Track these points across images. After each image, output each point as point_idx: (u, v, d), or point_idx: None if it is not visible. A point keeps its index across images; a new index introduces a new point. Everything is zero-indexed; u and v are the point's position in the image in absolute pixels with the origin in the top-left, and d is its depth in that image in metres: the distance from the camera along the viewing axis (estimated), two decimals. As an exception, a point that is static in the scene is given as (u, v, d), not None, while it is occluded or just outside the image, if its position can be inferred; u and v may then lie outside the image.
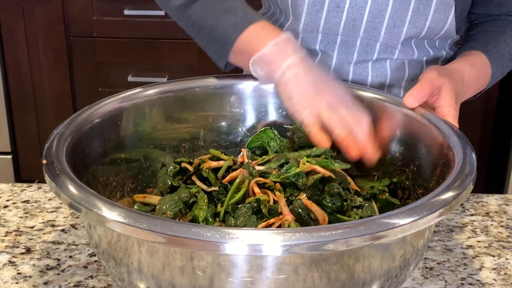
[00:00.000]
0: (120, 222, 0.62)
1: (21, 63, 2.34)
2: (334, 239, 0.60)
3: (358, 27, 1.04)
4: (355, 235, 0.61)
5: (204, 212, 0.79)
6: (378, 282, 0.70)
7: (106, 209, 0.63)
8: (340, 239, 0.60)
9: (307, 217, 0.77)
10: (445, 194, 0.68)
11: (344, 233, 0.61)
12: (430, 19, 1.02)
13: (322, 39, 1.07)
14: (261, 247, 0.60)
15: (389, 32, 1.04)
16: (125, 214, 0.63)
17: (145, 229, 0.61)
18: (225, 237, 0.60)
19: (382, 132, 0.89)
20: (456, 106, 0.89)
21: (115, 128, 0.88)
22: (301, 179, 0.82)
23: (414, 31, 1.03)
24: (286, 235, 0.60)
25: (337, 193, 0.81)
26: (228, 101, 0.96)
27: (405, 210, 0.65)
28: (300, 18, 1.06)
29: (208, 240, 0.60)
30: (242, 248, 0.60)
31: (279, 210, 0.77)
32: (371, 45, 1.06)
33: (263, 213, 0.77)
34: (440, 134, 0.82)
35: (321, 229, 0.62)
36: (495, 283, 0.87)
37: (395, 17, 1.02)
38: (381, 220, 0.63)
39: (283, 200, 0.79)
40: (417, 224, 0.64)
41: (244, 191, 0.81)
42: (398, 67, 1.08)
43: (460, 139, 0.79)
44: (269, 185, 0.82)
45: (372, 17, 1.03)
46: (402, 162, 0.88)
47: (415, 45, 1.07)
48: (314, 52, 1.09)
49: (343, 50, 1.07)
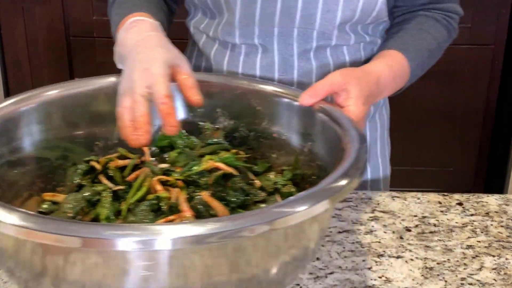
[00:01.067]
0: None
1: (21, 63, 2.34)
2: (207, 233, 0.60)
3: (294, 15, 1.04)
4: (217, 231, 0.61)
5: (107, 210, 0.79)
6: (274, 269, 0.71)
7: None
8: (207, 233, 0.60)
9: (206, 213, 0.78)
10: (328, 187, 0.68)
11: (213, 228, 0.61)
12: (362, 0, 1.03)
13: (259, 32, 1.07)
14: (134, 242, 0.59)
15: (324, 17, 1.04)
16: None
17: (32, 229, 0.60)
18: (95, 233, 0.59)
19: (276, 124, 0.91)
20: (364, 107, 0.90)
21: (20, 127, 0.87)
22: (203, 177, 0.84)
23: (348, 13, 1.04)
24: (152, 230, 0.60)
25: (240, 188, 0.83)
26: None
27: (283, 203, 0.66)
28: (234, 11, 1.06)
29: (86, 237, 0.59)
30: (112, 243, 0.59)
31: (180, 207, 0.78)
32: (308, 34, 1.06)
33: (164, 210, 0.78)
34: (339, 130, 0.83)
35: (199, 223, 0.62)
36: (495, 283, 0.87)
37: (328, 1, 1.03)
38: (262, 213, 0.64)
39: (183, 197, 0.80)
40: (292, 217, 0.64)
41: (146, 189, 0.82)
42: (338, 55, 1.09)
43: (355, 135, 0.80)
44: (172, 182, 0.83)
45: (307, 4, 1.03)
46: (310, 157, 0.89)
47: (350, 31, 1.08)
48: (254, 47, 1.09)
49: (282, 42, 1.07)
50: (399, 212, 1.02)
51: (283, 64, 1.09)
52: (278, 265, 0.71)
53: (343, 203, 1.04)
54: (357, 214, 1.01)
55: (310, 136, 0.89)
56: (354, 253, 0.93)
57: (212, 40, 1.13)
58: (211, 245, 0.62)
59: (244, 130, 0.95)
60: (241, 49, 1.10)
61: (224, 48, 1.12)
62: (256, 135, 0.95)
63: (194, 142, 0.93)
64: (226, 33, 1.09)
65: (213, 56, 1.13)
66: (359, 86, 0.91)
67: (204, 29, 1.14)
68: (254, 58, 1.10)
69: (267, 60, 1.09)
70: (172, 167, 0.88)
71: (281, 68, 1.09)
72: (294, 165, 0.91)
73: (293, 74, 1.09)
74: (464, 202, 1.05)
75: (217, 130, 0.95)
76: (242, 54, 1.10)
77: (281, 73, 1.09)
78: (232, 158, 0.86)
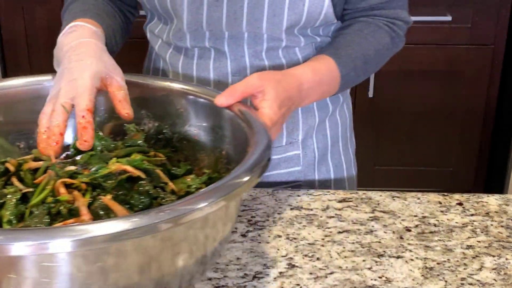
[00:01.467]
0: None
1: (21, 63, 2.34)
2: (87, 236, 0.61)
3: (240, 20, 1.04)
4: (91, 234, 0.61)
5: (9, 213, 0.79)
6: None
7: None
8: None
9: (106, 217, 0.78)
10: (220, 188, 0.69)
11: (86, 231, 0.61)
12: (307, 3, 1.03)
13: (210, 35, 1.07)
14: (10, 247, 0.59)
15: (271, 21, 1.04)
16: None
17: None
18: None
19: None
20: (280, 110, 0.90)
21: None
22: (110, 180, 0.83)
23: (294, 18, 1.04)
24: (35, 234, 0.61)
25: (146, 191, 0.82)
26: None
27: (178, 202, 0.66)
28: (182, 18, 1.06)
29: None
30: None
31: (80, 211, 0.78)
32: (258, 36, 1.06)
33: (63, 213, 0.78)
34: (249, 133, 0.83)
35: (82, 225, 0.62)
36: (495, 283, 0.87)
37: (273, 5, 1.03)
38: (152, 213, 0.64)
39: (82, 200, 0.80)
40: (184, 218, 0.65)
41: (48, 192, 0.81)
42: (290, 54, 1.09)
43: (262, 137, 0.80)
44: (77, 185, 0.83)
45: (252, 9, 1.03)
46: (227, 160, 0.89)
47: (299, 34, 1.08)
48: (206, 50, 1.09)
49: (232, 44, 1.07)
50: (399, 212, 1.02)
51: (236, 65, 1.09)
52: (168, 267, 0.71)
53: (343, 203, 1.04)
54: (357, 214, 1.01)
55: (226, 138, 0.90)
56: (354, 253, 0.93)
57: (166, 44, 1.14)
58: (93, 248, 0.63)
59: (168, 132, 0.96)
60: (194, 52, 1.10)
61: (178, 52, 1.12)
62: (179, 137, 0.95)
63: (111, 145, 0.92)
64: (177, 38, 1.09)
65: (168, 59, 1.14)
66: (276, 89, 0.91)
67: (159, 33, 1.15)
68: (208, 60, 1.10)
69: (220, 62, 1.10)
70: (83, 169, 0.87)
71: (234, 69, 1.09)
72: (213, 167, 0.91)
73: (246, 74, 1.08)
74: (464, 202, 1.05)
75: (139, 132, 0.95)
76: (195, 57, 1.11)
77: (235, 73, 1.09)
78: (140, 161, 0.86)
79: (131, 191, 0.83)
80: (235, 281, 0.87)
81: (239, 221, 1.00)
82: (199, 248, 0.73)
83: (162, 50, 1.15)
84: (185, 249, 0.71)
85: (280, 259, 0.91)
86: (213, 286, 0.86)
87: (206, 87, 0.96)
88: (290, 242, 0.95)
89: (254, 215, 1.02)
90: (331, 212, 1.02)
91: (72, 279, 0.65)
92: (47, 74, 0.96)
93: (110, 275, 0.66)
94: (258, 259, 0.91)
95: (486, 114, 2.43)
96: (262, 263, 0.90)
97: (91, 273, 0.65)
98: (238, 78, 1.09)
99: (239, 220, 1.00)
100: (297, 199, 1.06)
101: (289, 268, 0.90)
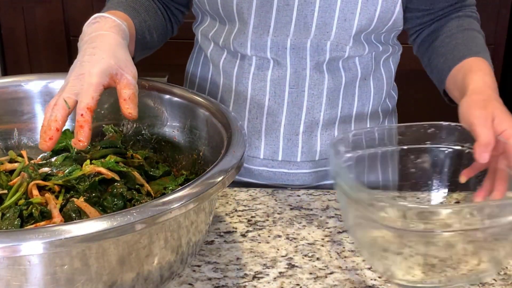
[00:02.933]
0: None
1: (21, 63, 2.34)
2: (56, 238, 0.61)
3: (309, 25, 1.04)
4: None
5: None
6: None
7: None
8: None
9: (78, 219, 0.78)
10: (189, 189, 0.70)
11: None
12: (379, 8, 1.03)
13: (272, 45, 1.06)
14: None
15: (341, 26, 1.04)
16: None
17: None
18: None
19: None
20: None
21: None
22: (83, 182, 0.83)
23: (365, 22, 1.04)
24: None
25: (120, 193, 0.82)
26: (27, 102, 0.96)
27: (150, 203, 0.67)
28: (248, 21, 1.04)
29: None
30: None
31: (52, 213, 0.78)
32: (321, 46, 1.05)
33: (35, 216, 0.78)
34: (224, 134, 0.83)
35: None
36: (495, 283, 0.87)
37: (345, 10, 1.02)
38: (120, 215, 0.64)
39: (53, 202, 0.80)
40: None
41: (20, 194, 0.81)
42: (350, 66, 1.09)
43: (237, 138, 0.81)
44: (50, 187, 0.83)
45: (323, 12, 1.03)
46: (204, 161, 0.89)
47: (364, 40, 1.08)
48: (265, 60, 1.08)
49: (294, 55, 1.06)
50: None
51: (295, 78, 1.08)
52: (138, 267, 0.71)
53: (343, 203, 1.04)
54: (357, 214, 1.01)
55: (202, 139, 0.90)
56: (354, 253, 0.93)
57: (220, 49, 1.12)
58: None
59: (147, 133, 0.96)
60: (251, 61, 1.09)
61: (234, 58, 1.10)
62: (158, 138, 0.95)
63: (88, 146, 0.91)
64: (238, 44, 1.07)
65: (221, 65, 1.12)
66: (496, 105, 0.92)
67: (213, 37, 1.12)
68: (266, 71, 1.08)
69: (279, 73, 1.08)
70: (57, 171, 0.87)
71: (292, 81, 1.08)
72: (191, 169, 0.91)
73: (304, 86, 1.08)
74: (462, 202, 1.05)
75: (117, 133, 0.95)
76: (253, 66, 1.09)
77: (292, 86, 1.08)
78: (113, 163, 0.85)
79: (104, 193, 0.83)
80: (235, 281, 0.87)
81: (239, 221, 1.00)
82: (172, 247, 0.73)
83: (215, 55, 1.13)
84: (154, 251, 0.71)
85: (280, 259, 0.91)
86: (213, 286, 0.86)
87: (190, 90, 0.96)
88: (290, 242, 0.95)
89: (254, 215, 1.02)
90: (331, 212, 1.02)
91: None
92: (25, 75, 0.96)
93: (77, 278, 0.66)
94: (258, 259, 0.91)
95: (486, 114, 2.43)
96: (262, 263, 0.90)
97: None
98: (295, 90, 1.08)
99: (239, 220, 1.00)
100: (297, 199, 1.06)
101: (289, 268, 0.90)
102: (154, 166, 0.93)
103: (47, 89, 0.97)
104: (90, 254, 0.65)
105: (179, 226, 0.72)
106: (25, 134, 0.97)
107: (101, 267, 0.67)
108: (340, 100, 1.11)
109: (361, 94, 1.12)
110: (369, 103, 1.14)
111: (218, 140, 0.84)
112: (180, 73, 2.39)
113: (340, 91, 1.10)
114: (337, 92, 1.10)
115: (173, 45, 2.31)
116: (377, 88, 1.14)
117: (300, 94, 1.08)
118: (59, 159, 0.91)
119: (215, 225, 0.99)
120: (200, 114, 0.90)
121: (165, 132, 0.95)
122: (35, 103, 0.96)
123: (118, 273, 0.68)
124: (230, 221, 1.00)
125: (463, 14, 1.12)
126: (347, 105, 1.12)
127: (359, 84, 1.11)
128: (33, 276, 0.64)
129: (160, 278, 0.74)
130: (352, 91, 1.11)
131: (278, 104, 1.09)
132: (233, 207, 1.04)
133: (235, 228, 0.98)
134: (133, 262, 0.69)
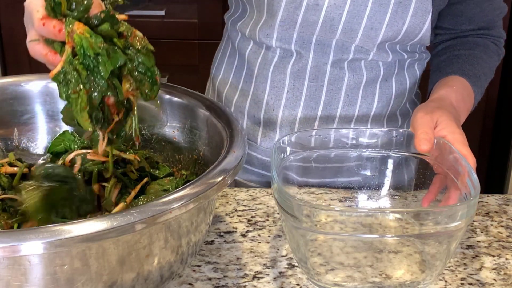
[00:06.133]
0: None
1: (21, 63, 2.34)
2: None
3: (336, 27, 1.04)
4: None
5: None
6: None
7: None
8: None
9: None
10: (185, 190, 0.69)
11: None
12: (407, 23, 1.03)
13: (297, 38, 1.07)
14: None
15: (366, 34, 1.04)
16: None
17: None
18: None
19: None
20: (460, 130, 0.92)
21: None
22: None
23: (391, 34, 1.04)
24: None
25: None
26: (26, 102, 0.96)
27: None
28: (276, 14, 1.05)
29: None
30: None
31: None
32: (346, 46, 1.06)
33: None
34: (225, 135, 0.83)
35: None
36: (495, 283, 0.87)
37: (373, 19, 1.03)
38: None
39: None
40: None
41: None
42: (373, 67, 1.09)
43: (237, 138, 0.81)
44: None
45: (350, 18, 1.03)
46: (204, 161, 0.90)
47: (389, 49, 1.08)
48: (289, 52, 1.09)
49: (318, 50, 1.07)
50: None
51: (315, 71, 1.09)
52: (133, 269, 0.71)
53: (344, 202, 1.04)
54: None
55: (202, 139, 0.90)
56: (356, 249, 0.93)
57: (247, 39, 1.13)
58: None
59: (147, 133, 0.96)
60: (275, 52, 1.10)
61: (259, 49, 1.12)
62: (158, 138, 0.95)
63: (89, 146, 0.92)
64: (264, 34, 1.09)
65: (247, 55, 1.14)
66: (445, 113, 0.93)
67: (241, 27, 1.14)
68: (287, 63, 1.10)
69: (299, 66, 1.09)
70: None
71: (312, 75, 1.09)
72: (191, 169, 0.91)
73: (324, 81, 1.09)
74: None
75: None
76: (276, 57, 1.10)
77: (312, 79, 1.09)
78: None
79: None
80: (235, 281, 0.87)
81: (239, 221, 1.00)
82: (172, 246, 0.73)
83: (242, 45, 1.15)
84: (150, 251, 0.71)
85: (280, 259, 0.91)
86: (213, 286, 0.86)
87: (182, 87, 0.96)
88: (290, 242, 0.95)
89: (254, 215, 1.02)
90: (331, 212, 1.02)
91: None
92: (25, 75, 0.96)
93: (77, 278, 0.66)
94: (258, 259, 0.91)
95: (486, 114, 2.43)
96: (262, 263, 0.90)
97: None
98: (314, 83, 1.09)
99: (239, 220, 1.00)
100: (297, 199, 1.06)
101: (289, 268, 0.90)
102: (155, 166, 0.93)
103: (47, 89, 0.97)
104: (90, 254, 0.65)
105: (179, 226, 0.72)
106: (25, 134, 0.97)
107: (101, 267, 0.67)
108: (359, 98, 1.11)
109: (382, 95, 1.12)
110: (388, 105, 1.14)
111: (218, 140, 0.84)
112: (180, 73, 2.40)
113: (360, 89, 1.10)
114: (356, 90, 1.10)
115: (173, 45, 2.32)
116: (398, 92, 1.14)
117: (318, 89, 1.09)
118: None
119: (215, 225, 0.99)
120: (200, 114, 0.90)
121: (165, 132, 0.95)
122: (35, 103, 0.97)
123: (118, 273, 0.68)
124: (230, 221, 1.00)
125: (481, 41, 1.13)
126: (366, 104, 1.11)
127: (380, 84, 1.11)
128: (33, 276, 0.64)
129: (160, 278, 0.74)
130: (372, 90, 1.11)
131: (296, 97, 1.10)
132: (233, 207, 1.04)
133: (235, 228, 0.98)
134: (133, 262, 0.69)
